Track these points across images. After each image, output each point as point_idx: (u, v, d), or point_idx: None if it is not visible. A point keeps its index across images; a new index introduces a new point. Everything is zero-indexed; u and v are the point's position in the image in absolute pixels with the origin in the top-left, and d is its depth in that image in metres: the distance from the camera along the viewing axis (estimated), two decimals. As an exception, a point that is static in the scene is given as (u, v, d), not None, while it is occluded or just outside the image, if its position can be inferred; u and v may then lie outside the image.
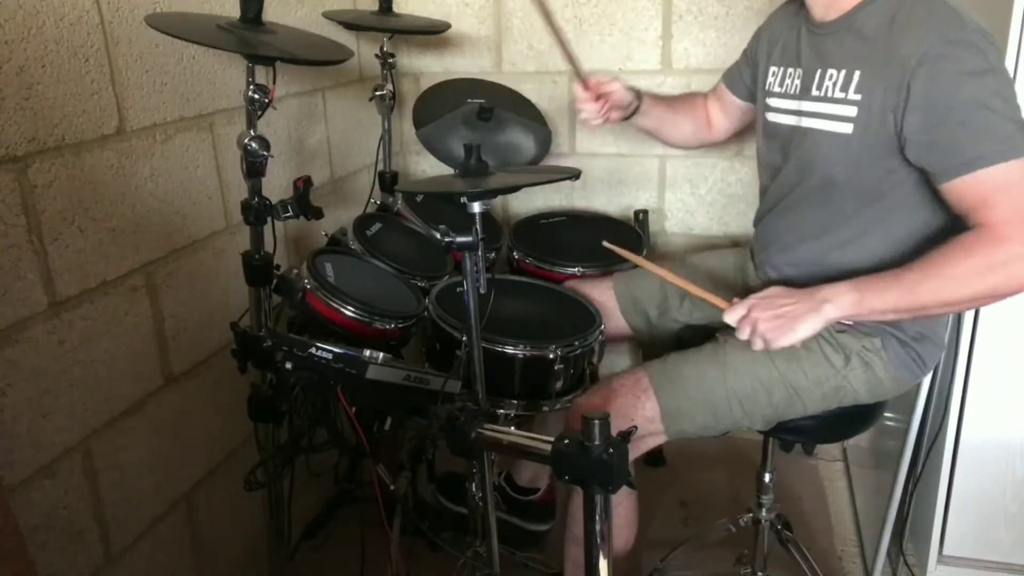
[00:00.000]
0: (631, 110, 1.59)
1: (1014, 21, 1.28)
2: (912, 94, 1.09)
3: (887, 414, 1.63)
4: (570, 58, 1.47)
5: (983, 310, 1.46)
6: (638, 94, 1.59)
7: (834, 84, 1.21)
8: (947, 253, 1.08)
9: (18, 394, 1.11)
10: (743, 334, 1.17)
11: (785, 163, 1.34)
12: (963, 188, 1.09)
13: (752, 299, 1.18)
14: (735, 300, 1.20)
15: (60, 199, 1.16)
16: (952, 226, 1.14)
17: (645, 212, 2.10)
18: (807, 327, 1.12)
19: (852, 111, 1.18)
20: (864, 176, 1.19)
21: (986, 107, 1.06)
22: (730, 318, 1.19)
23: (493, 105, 1.77)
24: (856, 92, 1.17)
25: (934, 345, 1.31)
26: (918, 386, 1.48)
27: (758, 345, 1.15)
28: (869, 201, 1.21)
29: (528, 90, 2.12)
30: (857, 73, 1.17)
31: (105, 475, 1.28)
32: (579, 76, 1.51)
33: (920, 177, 1.16)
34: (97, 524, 1.28)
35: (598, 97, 1.52)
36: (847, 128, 1.18)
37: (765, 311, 1.15)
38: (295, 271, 1.41)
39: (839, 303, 1.12)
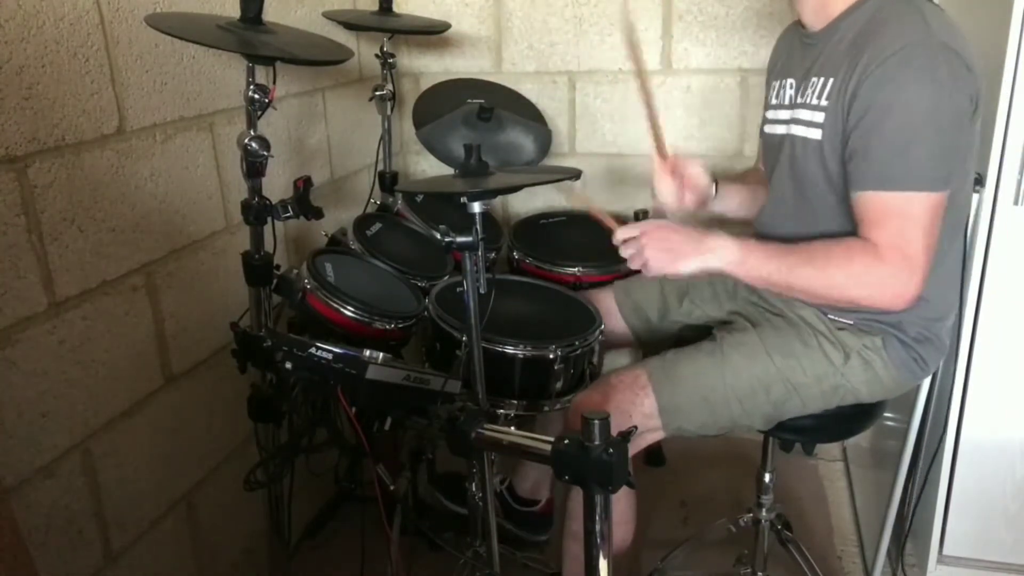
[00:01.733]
0: (709, 198, 1.47)
1: (1014, 21, 1.28)
2: (858, 97, 1.11)
3: (887, 414, 1.63)
4: (655, 127, 1.38)
5: (983, 311, 1.46)
6: (715, 178, 1.47)
7: (814, 91, 1.22)
8: (831, 250, 1.14)
9: (18, 394, 1.11)
10: (626, 252, 1.23)
11: (776, 171, 1.35)
12: (863, 202, 1.13)
13: (644, 225, 1.23)
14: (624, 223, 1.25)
15: (60, 199, 1.16)
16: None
17: (645, 212, 2.08)
18: (688, 265, 1.19)
19: (821, 117, 1.19)
20: (837, 180, 1.20)
21: (915, 131, 1.07)
22: (617, 236, 1.24)
23: (493, 105, 1.77)
24: (827, 98, 1.18)
25: (935, 348, 1.30)
26: (918, 386, 1.48)
27: (636, 265, 1.22)
28: (848, 205, 1.21)
29: (528, 90, 2.12)
30: (831, 80, 1.18)
31: (105, 475, 1.28)
32: (659, 147, 1.40)
33: None
34: (97, 524, 1.28)
35: (673, 173, 1.42)
36: (817, 134, 1.20)
37: (654, 239, 1.21)
38: (295, 271, 1.41)
39: (721, 255, 1.18)
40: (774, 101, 1.38)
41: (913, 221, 1.09)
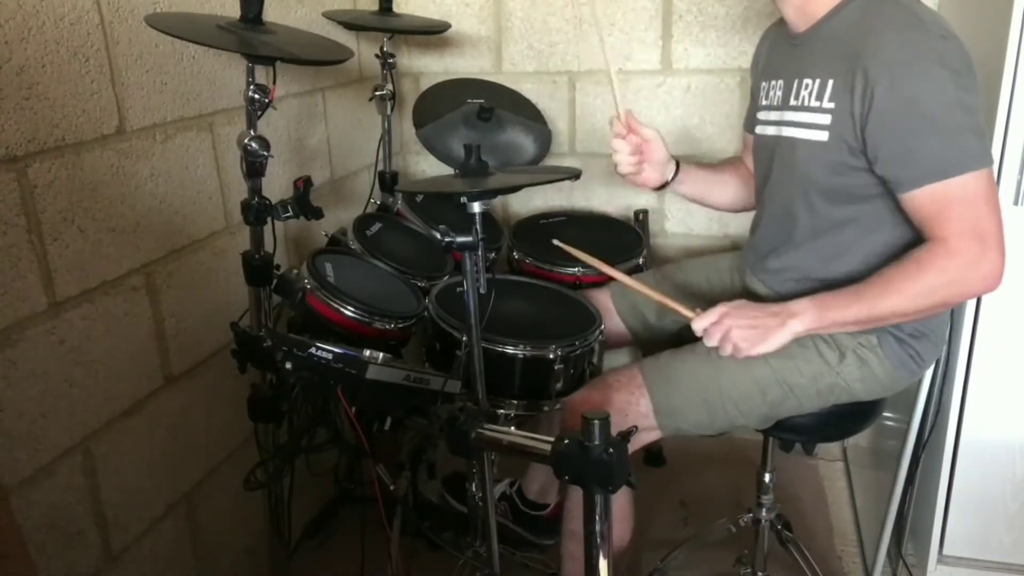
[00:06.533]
0: (669, 174, 1.47)
1: (1014, 21, 1.28)
2: (875, 102, 1.10)
3: (887, 414, 1.63)
4: (612, 86, 1.41)
5: (983, 310, 1.46)
6: (676, 161, 1.48)
7: (810, 93, 1.22)
8: (902, 270, 1.13)
9: (18, 394, 1.11)
10: (712, 341, 1.21)
11: (771, 173, 1.35)
12: (920, 200, 1.12)
13: (722, 307, 1.22)
14: (697, 310, 1.24)
15: (60, 199, 1.16)
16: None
17: (645, 212, 2.10)
18: (778, 339, 1.17)
19: (827, 119, 1.18)
20: (843, 182, 1.20)
21: (945, 118, 1.08)
22: (698, 326, 1.22)
23: (493, 105, 1.77)
24: (830, 100, 1.18)
25: (932, 343, 1.31)
26: (918, 386, 1.48)
27: (727, 351, 1.20)
28: (854, 208, 1.22)
29: (528, 90, 2.12)
30: (831, 82, 1.17)
31: (105, 475, 1.28)
32: (616, 108, 1.41)
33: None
34: (97, 524, 1.28)
35: (629, 134, 1.42)
36: (823, 136, 1.19)
37: (738, 320, 1.19)
38: (295, 271, 1.41)
39: (803, 318, 1.17)
40: (764, 102, 1.37)
41: (975, 200, 1.09)
